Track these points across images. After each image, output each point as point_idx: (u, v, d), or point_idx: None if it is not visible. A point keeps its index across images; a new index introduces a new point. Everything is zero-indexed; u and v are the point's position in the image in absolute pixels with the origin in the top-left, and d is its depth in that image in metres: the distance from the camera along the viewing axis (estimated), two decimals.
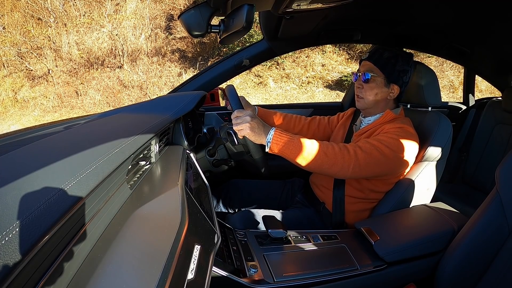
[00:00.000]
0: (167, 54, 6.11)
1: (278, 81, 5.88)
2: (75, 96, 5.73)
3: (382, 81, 0.99)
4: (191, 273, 0.39)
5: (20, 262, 0.24)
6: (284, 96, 5.70)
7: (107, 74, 5.91)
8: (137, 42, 6.07)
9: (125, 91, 5.73)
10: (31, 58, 5.94)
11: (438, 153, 1.00)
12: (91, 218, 0.38)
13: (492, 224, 0.71)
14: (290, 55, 5.98)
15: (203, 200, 0.69)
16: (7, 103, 5.61)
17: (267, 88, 5.81)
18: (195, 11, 0.67)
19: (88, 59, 5.97)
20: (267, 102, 5.53)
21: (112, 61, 6.00)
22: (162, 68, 5.97)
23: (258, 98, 5.66)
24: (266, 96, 5.71)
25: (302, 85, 5.83)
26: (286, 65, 5.95)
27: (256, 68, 5.94)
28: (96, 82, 5.82)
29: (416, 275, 0.83)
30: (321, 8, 0.86)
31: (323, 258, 0.78)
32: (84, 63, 5.98)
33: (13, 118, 5.41)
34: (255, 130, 0.83)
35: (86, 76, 5.89)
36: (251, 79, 5.92)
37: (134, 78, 5.80)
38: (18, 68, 5.91)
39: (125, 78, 5.80)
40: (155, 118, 0.77)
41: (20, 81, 5.80)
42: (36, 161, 0.39)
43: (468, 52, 1.39)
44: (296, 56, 6.03)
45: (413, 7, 0.99)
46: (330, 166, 0.85)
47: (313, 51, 6.07)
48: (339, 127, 1.18)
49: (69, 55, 5.99)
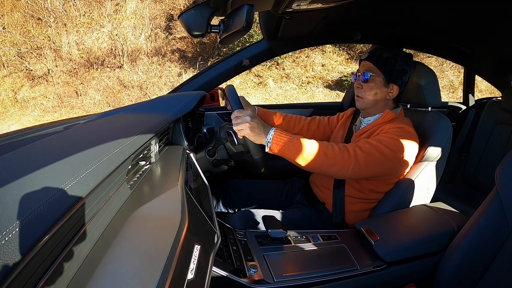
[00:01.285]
0: (167, 54, 6.11)
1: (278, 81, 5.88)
2: (75, 96, 5.72)
3: (381, 81, 0.99)
4: (191, 273, 0.39)
5: (20, 262, 0.24)
6: (284, 96, 5.70)
7: (107, 74, 5.90)
8: (137, 42, 6.07)
9: (125, 91, 5.73)
10: (31, 58, 5.92)
11: (438, 153, 1.00)
12: (91, 218, 0.38)
13: (492, 224, 0.71)
14: (290, 55, 5.98)
15: (203, 200, 0.69)
16: (7, 103, 5.60)
17: (267, 88, 5.81)
18: (195, 11, 0.67)
19: (88, 59, 5.96)
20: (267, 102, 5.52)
21: (112, 61, 5.99)
22: (162, 68, 5.96)
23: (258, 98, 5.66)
24: (266, 96, 5.71)
25: (302, 85, 5.83)
26: (286, 65, 5.95)
27: (256, 68, 5.95)
28: (96, 82, 5.81)
29: (416, 275, 0.83)
30: (321, 8, 0.86)
31: (323, 258, 0.78)
32: (84, 63, 5.97)
33: (13, 118, 5.39)
34: (255, 130, 0.83)
35: (86, 76, 5.88)
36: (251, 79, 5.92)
37: (134, 78, 5.79)
38: (18, 68, 5.90)
39: (125, 78, 5.80)
40: (155, 118, 0.77)
41: (20, 81, 5.79)
42: (36, 161, 0.39)
43: (468, 52, 1.39)
44: (296, 56, 6.03)
45: (413, 7, 0.99)
46: (330, 167, 0.85)
47: (313, 51, 6.07)
48: (339, 127, 1.18)
49: (69, 55, 5.98)
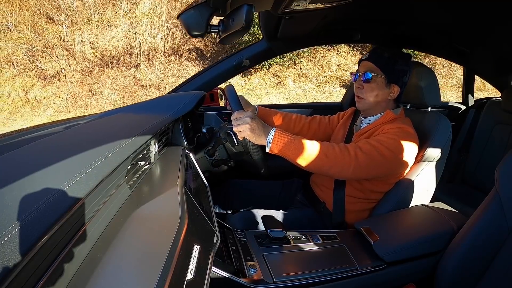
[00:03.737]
0: (184, 53, 6.06)
1: (296, 81, 5.90)
2: (89, 95, 5.62)
3: (383, 81, 0.99)
4: (190, 273, 0.39)
5: (20, 262, 0.24)
6: (303, 96, 5.73)
7: (123, 73, 5.82)
8: (154, 41, 5.99)
9: (142, 91, 5.65)
10: (42, 57, 5.82)
11: (438, 153, 1.00)
12: (91, 218, 0.38)
13: (492, 224, 0.71)
14: (307, 55, 6.04)
15: (203, 200, 0.69)
16: (18, 103, 5.47)
17: (286, 87, 5.82)
18: (194, 11, 0.67)
19: (103, 58, 5.86)
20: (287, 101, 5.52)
21: (127, 60, 5.91)
22: (179, 68, 5.92)
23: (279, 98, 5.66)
24: (286, 95, 5.72)
25: (320, 84, 5.87)
26: (303, 65, 5.97)
27: (274, 68, 5.99)
28: (112, 81, 5.72)
29: (416, 275, 0.83)
30: (320, 8, 0.86)
31: (322, 258, 0.78)
32: (98, 62, 5.87)
33: (24, 119, 5.27)
34: (255, 131, 0.83)
35: (101, 75, 5.78)
36: (269, 78, 5.93)
37: (151, 78, 5.72)
38: (29, 67, 5.79)
39: (142, 77, 5.72)
40: (154, 118, 0.77)
41: (30, 81, 5.67)
42: (35, 161, 0.39)
43: (468, 52, 1.39)
44: (312, 56, 6.09)
45: (413, 7, 0.99)
46: (330, 167, 0.85)
47: (329, 51, 6.12)
48: (340, 127, 1.18)
49: (82, 54, 5.88)
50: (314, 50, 6.16)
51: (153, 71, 5.83)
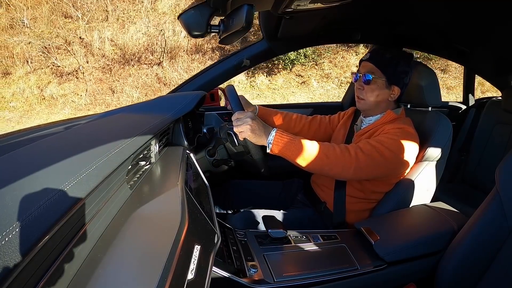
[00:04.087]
0: (208, 52, 5.97)
1: (319, 81, 5.91)
2: (109, 93, 5.46)
3: (383, 82, 0.99)
4: (191, 273, 0.39)
5: (20, 262, 0.24)
6: (326, 96, 5.74)
7: (144, 71, 5.68)
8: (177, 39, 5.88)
9: (165, 89, 5.53)
10: (58, 54, 5.63)
11: (438, 153, 1.00)
12: (91, 218, 0.38)
13: (492, 224, 0.71)
14: (328, 55, 6.09)
15: (203, 200, 0.69)
16: (32, 100, 5.24)
17: (310, 87, 5.83)
18: (194, 11, 0.67)
19: (123, 55, 5.71)
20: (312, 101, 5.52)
21: (149, 58, 5.78)
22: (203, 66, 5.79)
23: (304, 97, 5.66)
24: (310, 95, 5.73)
25: (342, 85, 5.87)
26: (325, 65, 6.02)
27: (297, 68, 6.00)
28: (133, 79, 5.58)
29: (416, 275, 0.83)
30: (320, 8, 0.86)
31: (323, 258, 0.78)
32: (118, 59, 5.72)
33: (40, 117, 5.05)
34: (256, 132, 0.83)
35: (121, 72, 5.64)
36: (293, 78, 5.92)
37: (174, 76, 5.60)
38: (44, 64, 5.58)
39: (164, 76, 5.60)
40: (155, 118, 0.77)
41: (46, 78, 5.45)
42: (36, 161, 0.39)
43: (468, 52, 1.39)
44: (333, 57, 6.12)
45: (413, 7, 0.99)
46: (331, 168, 0.85)
47: (348, 52, 6.14)
48: (340, 127, 1.18)
49: (101, 51, 5.73)
50: (335, 51, 6.21)
51: (175, 69, 5.70)
